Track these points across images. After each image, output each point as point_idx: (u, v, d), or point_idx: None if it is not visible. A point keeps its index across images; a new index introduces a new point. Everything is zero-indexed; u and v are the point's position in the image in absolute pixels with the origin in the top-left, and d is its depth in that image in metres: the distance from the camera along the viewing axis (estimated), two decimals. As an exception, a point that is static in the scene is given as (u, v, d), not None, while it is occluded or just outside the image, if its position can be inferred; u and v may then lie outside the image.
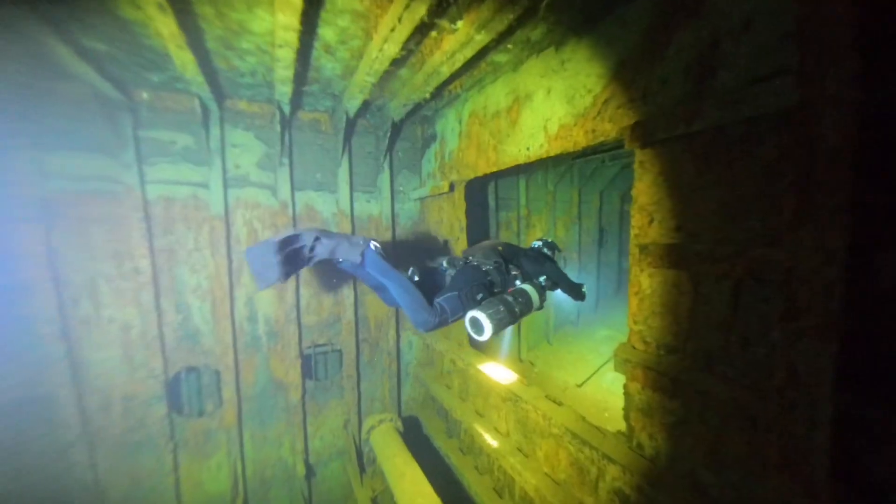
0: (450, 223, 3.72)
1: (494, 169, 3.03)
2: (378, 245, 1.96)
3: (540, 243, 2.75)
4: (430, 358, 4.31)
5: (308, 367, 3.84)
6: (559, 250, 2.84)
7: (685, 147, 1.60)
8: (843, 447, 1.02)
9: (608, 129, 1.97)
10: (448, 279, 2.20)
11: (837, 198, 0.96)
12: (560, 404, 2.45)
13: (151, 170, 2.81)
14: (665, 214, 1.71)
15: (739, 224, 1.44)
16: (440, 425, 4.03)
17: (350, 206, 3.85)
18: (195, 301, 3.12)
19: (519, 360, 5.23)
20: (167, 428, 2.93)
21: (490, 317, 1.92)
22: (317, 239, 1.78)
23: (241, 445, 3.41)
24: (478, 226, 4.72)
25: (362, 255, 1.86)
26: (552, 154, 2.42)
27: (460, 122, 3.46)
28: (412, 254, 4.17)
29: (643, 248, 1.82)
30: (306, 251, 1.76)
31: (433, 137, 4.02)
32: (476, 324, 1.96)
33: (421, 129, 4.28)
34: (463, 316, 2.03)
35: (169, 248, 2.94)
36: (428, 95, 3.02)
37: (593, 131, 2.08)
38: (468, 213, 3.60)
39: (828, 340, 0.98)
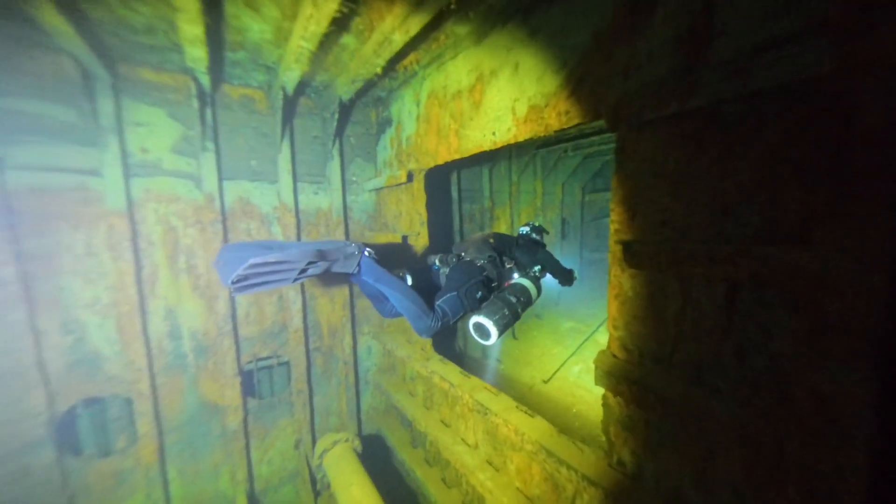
0: (409, 217, 3.37)
1: (457, 156, 2.72)
2: (371, 251, 1.87)
3: (527, 229, 2.68)
4: (391, 363, 3.97)
5: (250, 384, 3.34)
6: (546, 232, 2.78)
7: (674, 129, 1.39)
8: (885, 492, 0.86)
9: (585, 110, 1.73)
10: (443, 278, 2.14)
11: (881, 188, 0.76)
12: (532, 416, 2.24)
13: (13, 151, 2.14)
14: (650, 207, 1.51)
15: (737, 219, 1.26)
16: (404, 436, 3.74)
17: (294, 198, 3.36)
18: (92, 318, 2.50)
19: (489, 357, 5.06)
20: (57, 476, 2.34)
21: (496, 323, 1.86)
22: (311, 263, 1.59)
23: (166, 484, 2.87)
24: (441, 219, 4.42)
25: (359, 265, 1.79)
26: (521, 139, 2.15)
27: (418, 105, 3.10)
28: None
29: (625, 246, 1.61)
30: (294, 275, 1.58)
31: (388, 121, 3.62)
32: (481, 329, 1.89)
33: (375, 112, 3.85)
34: (463, 316, 1.99)
35: (46, 253, 2.29)
36: (380, 70, 2.62)
37: (567, 113, 1.83)
38: (429, 206, 3.28)
39: (866, 363, 0.80)
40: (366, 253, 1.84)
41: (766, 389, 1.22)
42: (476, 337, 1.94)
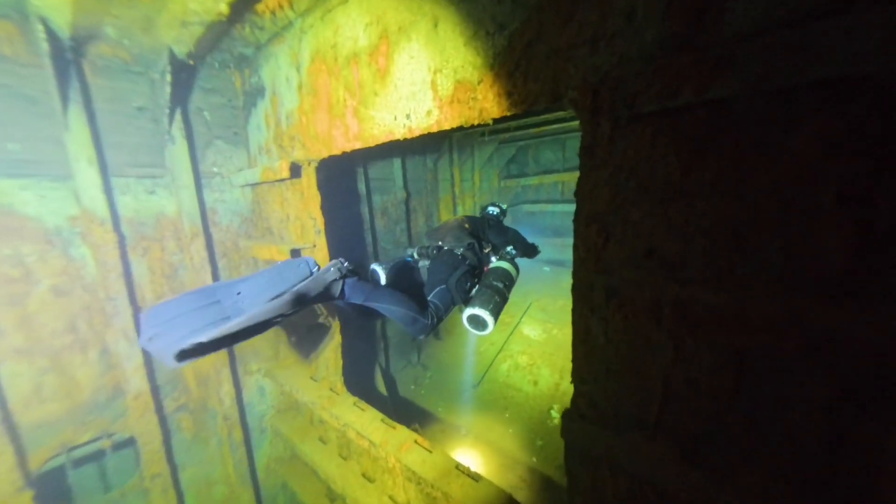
0: (300, 223, 2.55)
1: (359, 145, 2.01)
2: (348, 265, 1.62)
3: (496, 210, 2.68)
4: (293, 402, 3.18)
5: (59, 489, 2.22)
6: (505, 210, 2.79)
7: (671, 127, 0.98)
8: None
9: (537, 92, 1.23)
10: (423, 272, 2.15)
11: None
12: (477, 480, 1.82)
13: None
14: (631, 231, 1.11)
15: (752, 256, 0.93)
16: (317, 487, 3.05)
17: (108, 201, 2.21)
18: None
19: (416, 364, 4.58)
20: None
21: (491, 312, 1.87)
22: (282, 316, 1.32)
23: None
24: (346, 220, 3.63)
25: (342, 290, 1.58)
26: (446, 127, 1.58)
27: (298, 69, 2.24)
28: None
29: (594, 279, 1.21)
30: (259, 332, 1.29)
31: (260, 91, 2.64)
32: (477, 321, 1.91)
33: (240, 76, 2.79)
34: (453, 307, 1.99)
35: None
36: (225, 10, 1.71)
37: (510, 94, 1.32)
38: (329, 206, 2.51)
39: None
40: (349, 273, 1.60)
41: (788, 472, 0.95)
42: (472, 329, 1.93)
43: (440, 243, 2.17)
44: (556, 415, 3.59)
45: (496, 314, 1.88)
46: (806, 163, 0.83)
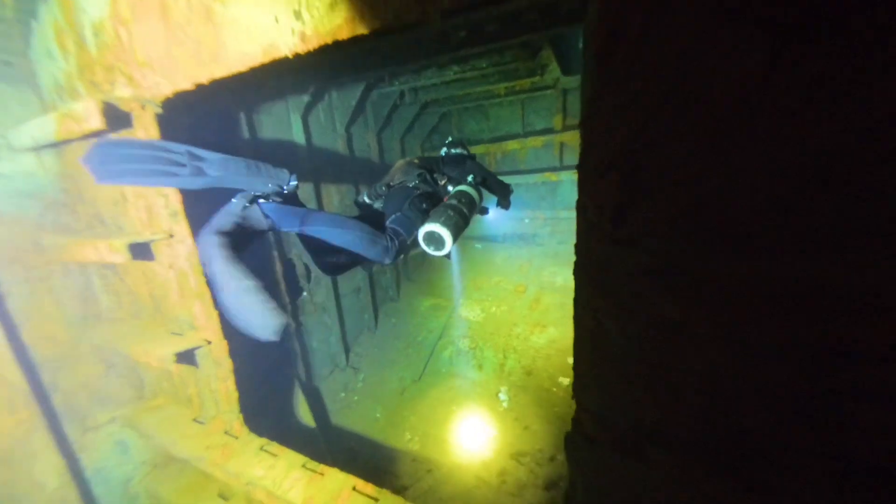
0: (144, 203, 1.69)
1: (221, 72, 1.28)
2: (285, 185, 1.38)
3: (445, 149, 2.44)
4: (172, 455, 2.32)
5: None
6: (467, 146, 2.54)
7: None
8: None
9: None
10: (375, 214, 1.97)
11: None
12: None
13: None
14: (669, 179, 0.72)
15: (854, 209, 0.60)
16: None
17: None
18: None
19: (345, 368, 3.93)
20: None
21: (445, 224, 1.68)
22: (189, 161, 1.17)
23: None
24: (225, 200, 2.70)
25: (267, 218, 1.33)
26: (365, 30, 0.99)
27: (97, -58, 1.34)
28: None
29: (612, 253, 0.82)
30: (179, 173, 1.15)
31: (38, -13, 1.61)
32: (433, 238, 1.71)
33: (-4, -36, 1.68)
34: (414, 232, 1.78)
35: None
36: None
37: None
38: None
39: None
40: (258, 198, 1.33)
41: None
42: (431, 251, 1.78)
43: (391, 183, 2.01)
44: (504, 398, 3.39)
45: (453, 231, 1.70)
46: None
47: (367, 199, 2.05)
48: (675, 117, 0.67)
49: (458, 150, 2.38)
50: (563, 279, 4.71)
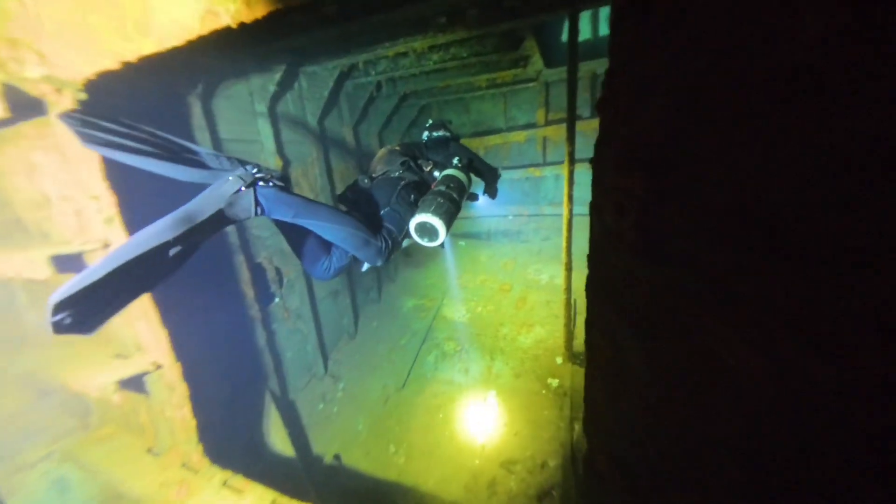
0: (72, 207, 1.42)
1: (151, 48, 1.05)
2: (268, 171, 1.30)
3: (427, 133, 2.33)
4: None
5: None
6: (450, 125, 2.40)
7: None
8: None
9: None
10: (363, 209, 1.76)
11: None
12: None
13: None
14: (695, 204, 0.57)
15: None
16: None
17: None
18: None
19: (323, 377, 3.70)
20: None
21: (436, 213, 1.61)
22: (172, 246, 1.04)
23: None
24: (176, 203, 2.41)
25: (258, 204, 1.23)
26: (287, 5, 0.79)
27: None
28: None
29: (633, 267, 0.67)
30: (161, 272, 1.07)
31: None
32: (425, 230, 1.65)
33: None
34: (406, 227, 1.72)
35: None
36: None
37: None
38: (128, 177, 1.43)
39: None
40: (259, 181, 1.25)
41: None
42: (425, 243, 1.71)
43: (374, 175, 1.91)
44: (492, 403, 3.26)
45: (445, 219, 1.63)
46: None
47: (349, 195, 1.88)
48: (725, 90, 0.52)
49: (441, 133, 2.26)
50: (548, 276, 4.63)
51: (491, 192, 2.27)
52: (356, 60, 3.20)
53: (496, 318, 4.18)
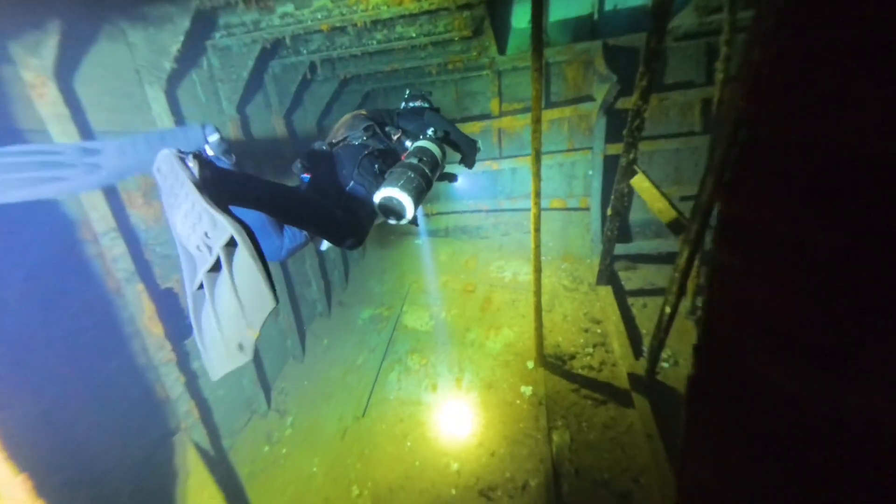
0: None
1: None
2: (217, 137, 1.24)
3: (418, 103, 2.15)
4: None
5: None
6: (429, 94, 2.30)
7: None
8: None
9: None
10: (322, 181, 1.58)
11: None
12: None
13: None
14: None
15: None
16: None
17: None
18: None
19: (266, 413, 3.14)
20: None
21: (403, 188, 1.44)
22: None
23: None
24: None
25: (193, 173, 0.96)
26: None
27: None
28: None
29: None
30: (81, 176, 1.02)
31: None
32: (392, 205, 1.46)
33: None
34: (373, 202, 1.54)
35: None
36: None
37: None
38: None
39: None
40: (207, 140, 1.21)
41: None
42: (389, 219, 1.52)
43: (333, 141, 1.73)
44: (464, 421, 3.00)
45: (411, 190, 1.46)
46: None
47: (303, 165, 1.64)
48: None
49: (418, 104, 2.15)
50: (511, 273, 4.46)
51: (468, 162, 2.16)
52: (281, 34, 2.63)
53: (461, 322, 3.90)
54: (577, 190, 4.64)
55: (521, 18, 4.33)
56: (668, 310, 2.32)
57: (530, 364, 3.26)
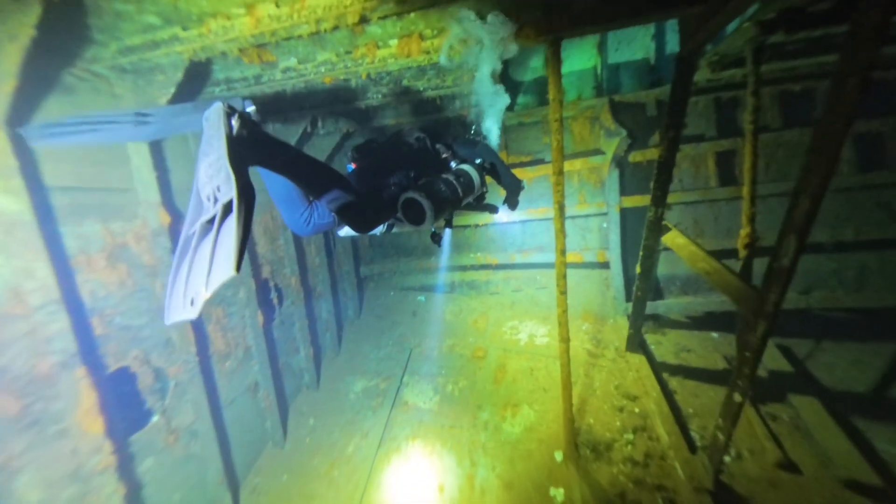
0: None
1: None
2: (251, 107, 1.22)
3: (476, 137, 2.28)
4: None
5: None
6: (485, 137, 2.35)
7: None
8: None
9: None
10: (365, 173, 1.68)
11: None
12: None
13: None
14: None
15: None
16: None
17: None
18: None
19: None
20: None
21: (428, 196, 1.46)
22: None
23: None
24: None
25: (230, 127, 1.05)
26: None
27: None
28: None
29: None
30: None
31: None
32: (412, 208, 1.51)
33: None
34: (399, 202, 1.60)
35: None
36: None
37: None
38: None
39: None
40: (247, 109, 1.19)
41: None
42: (408, 223, 1.56)
43: (382, 141, 1.84)
44: (480, 536, 2.35)
45: (438, 204, 1.47)
46: None
47: (352, 155, 1.76)
48: None
49: (476, 138, 2.27)
50: (526, 335, 3.98)
51: (511, 203, 2.24)
52: (282, 88, 2.49)
53: (472, 397, 3.35)
54: (592, 243, 4.34)
55: (523, 73, 4.38)
56: (737, 398, 1.85)
57: (559, 456, 2.68)
